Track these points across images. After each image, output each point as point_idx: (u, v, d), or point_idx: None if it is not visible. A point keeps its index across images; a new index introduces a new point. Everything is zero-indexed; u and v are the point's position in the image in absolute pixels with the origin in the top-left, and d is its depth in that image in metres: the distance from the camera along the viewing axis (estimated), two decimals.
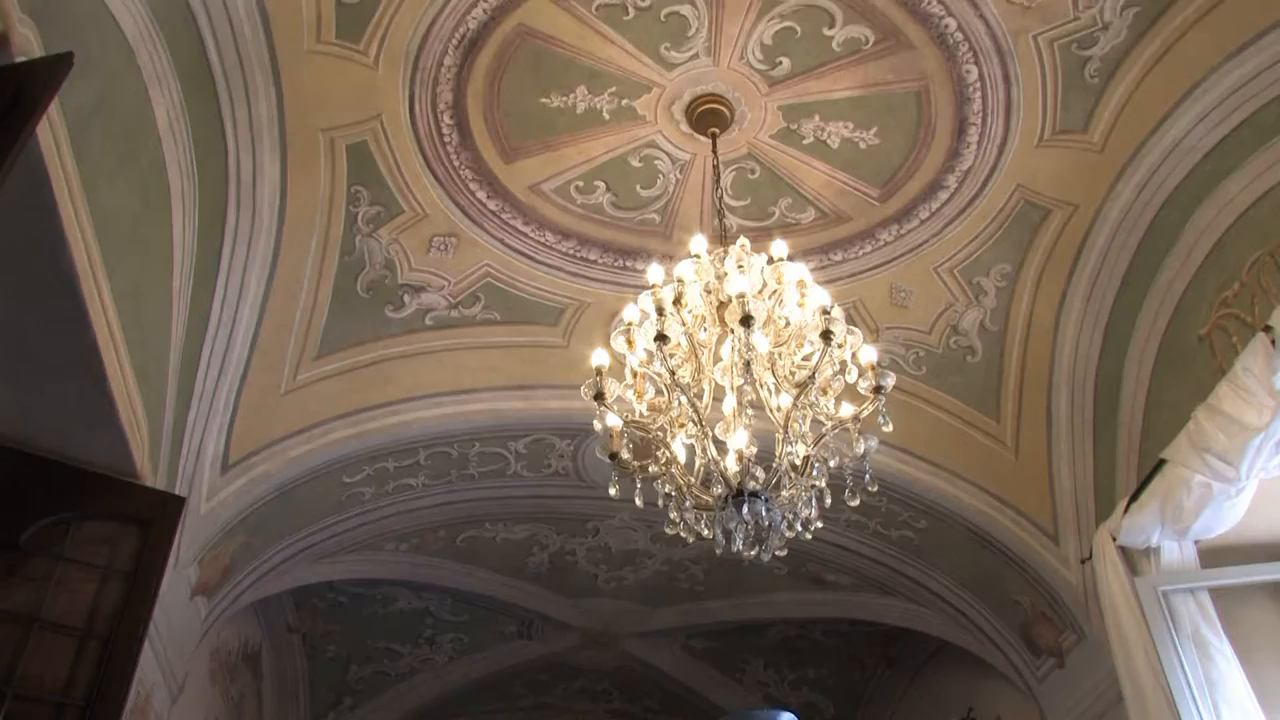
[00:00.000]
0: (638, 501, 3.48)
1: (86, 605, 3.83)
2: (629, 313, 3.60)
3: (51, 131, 2.98)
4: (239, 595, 5.41)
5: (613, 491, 3.43)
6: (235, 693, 6.23)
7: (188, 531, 4.63)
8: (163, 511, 4.14)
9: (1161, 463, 4.33)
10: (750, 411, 3.46)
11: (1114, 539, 4.57)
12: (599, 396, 3.41)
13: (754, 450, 3.33)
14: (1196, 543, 4.43)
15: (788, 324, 3.54)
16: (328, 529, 5.57)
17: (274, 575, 5.60)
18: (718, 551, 3.51)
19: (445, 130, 4.55)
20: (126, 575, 3.93)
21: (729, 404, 3.46)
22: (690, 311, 3.56)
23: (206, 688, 5.70)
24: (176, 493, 4.40)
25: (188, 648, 5.10)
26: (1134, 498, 4.50)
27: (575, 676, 7.78)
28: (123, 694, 3.77)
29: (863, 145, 4.64)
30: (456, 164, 4.67)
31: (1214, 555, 4.45)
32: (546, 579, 6.68)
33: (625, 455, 3.44)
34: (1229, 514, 4.24)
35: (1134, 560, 4.55)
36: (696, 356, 3.51)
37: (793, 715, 3.14)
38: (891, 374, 3.41)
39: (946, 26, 4.17)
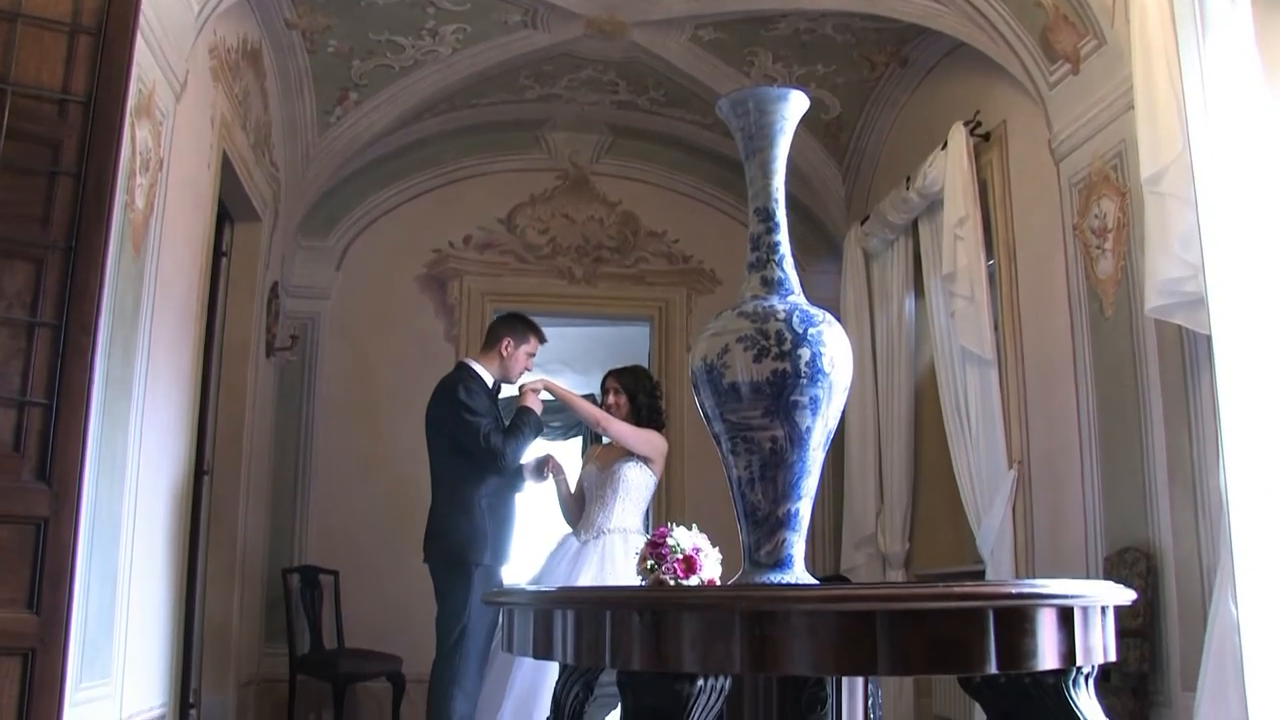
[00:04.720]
0: None
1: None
2: None
3: None
4: None
5: None
6: (239, 90, 6.18)
7: None
8: None
9: None
10: None
11: None
12: None
13: None
14: None
15: None
16: None
17: None
18: None
19: None
20: None
21: None
22: None
23: (209, 86, 5.63)
24: None
25: (184, 44, 4.99)
26: None
27: (582, 67, 7.67)
28: (123, 89, 3.64)
29: None
30: None
31: None
32: None
33: None
34: None
35: None
36: None
37: (803, 92, 3.07)
38: None
39: None
